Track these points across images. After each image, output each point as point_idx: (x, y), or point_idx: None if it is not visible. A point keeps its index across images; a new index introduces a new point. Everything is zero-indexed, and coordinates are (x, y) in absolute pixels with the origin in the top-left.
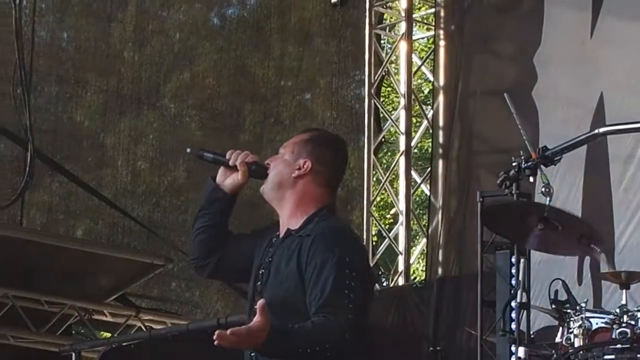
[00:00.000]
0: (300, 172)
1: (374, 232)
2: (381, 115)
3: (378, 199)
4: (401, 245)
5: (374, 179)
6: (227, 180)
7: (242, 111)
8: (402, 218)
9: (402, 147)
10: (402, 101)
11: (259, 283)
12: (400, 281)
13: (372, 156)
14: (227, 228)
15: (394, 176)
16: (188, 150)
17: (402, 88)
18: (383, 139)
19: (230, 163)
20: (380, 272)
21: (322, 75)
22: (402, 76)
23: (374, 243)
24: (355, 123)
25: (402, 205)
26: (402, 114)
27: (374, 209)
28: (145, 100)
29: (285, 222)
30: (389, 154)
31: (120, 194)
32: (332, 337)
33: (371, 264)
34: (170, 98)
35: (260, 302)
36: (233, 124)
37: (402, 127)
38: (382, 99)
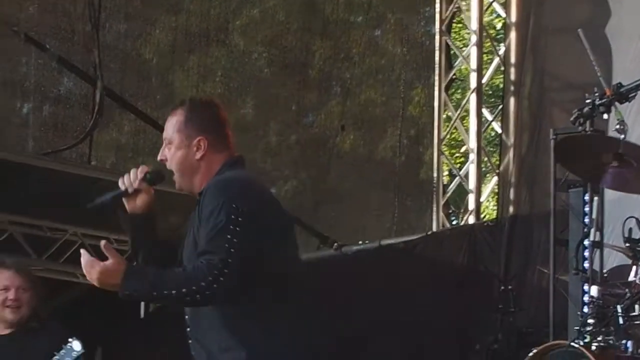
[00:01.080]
0: (201, 151)
1: (444, 171)
2: (452, 52)
3: (448, 137)
4: (472, 184)
5: (444, 116)
6: (137, 203)
7: (311, 47)
8: (472, 156)
9: (473, 84)
10: (473, 38)
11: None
12: (471, 220)
13: (443, 93)
14: (158, 240)
15: (464, 114)
16: (88, 206)
17: (473, 24)
18: (454, 76)
19: (129, 190)
20: (450, 211)
21: (392, 11)
22: (473, 12)
23: (444, 182)
24: (425, 60)
25: (472, 143)
26: (473, 50)
27: (444, 147)
28: (214, 37)
29: (198, 192)
30: (460, 91)
31: None
32: (201, 281)
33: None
34: (239, 34)
35: (102, 243)
36: (302, 60)
37: (473, 64)
38: (452, 36)
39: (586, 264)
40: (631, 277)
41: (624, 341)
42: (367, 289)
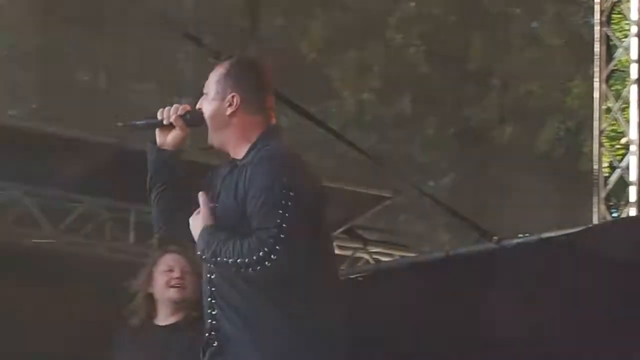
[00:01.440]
0: (232, 107)
1: (605, 163)
2: (611, 43)
3: (609, 128)
4: (633, 175)
5: (604, 107)
6: (167, 138)
7: (469, 40)
8: (634, 147)
9: (634, 75)
10: (634, 29)
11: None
12: (632, 212)
13: (603, 85)
14: (183, 184)
15: (625, 105)
16: (119, 124)
17: (634, 15)
18: (614, 68)
19: (165, 122)
20: (611, 203)
21: (550, 2)
22: (634, 3)
23: (605, 174)
24: (584, 51)
25: (633, 134)
26: (634, 41)
27: (604, 138)
28: (371, 32)
29: (232, 155)
30: (620, 82)
31: (347, 125)
32: (255, 253)
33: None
34: (396, 29)
35: (200, 195)
36: (459, 53)
37: (634, 55)
38: (612, 27)
39: None
40: None
41: None
42: (527, 283)
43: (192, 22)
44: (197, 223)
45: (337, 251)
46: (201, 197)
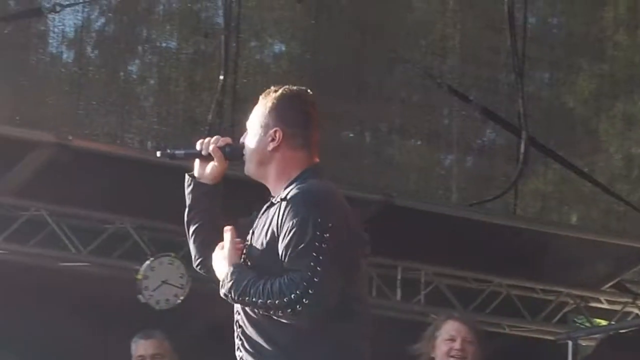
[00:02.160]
0: (275, 143)
1: None
2: None
3: None
4: None
5: None
6: (206, 171)
7: None
8: None
9: None
10: None
11: (243, 256)
12: None
13: None
14: (221, 218)
15: None
16: (158, 154)
17: None
18: None
19: (203, 153)
20: None
21: None
22: None
23: None
24: None
25: None
26: None
27: None
28: (639, 83)
29: (272, 192)
30: None
31: (614, 179)
32: (287, 295)
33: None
34: None
35: (227, 230)
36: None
37: None
38: None
39: None
40: None
41: None
42: None
43: (456, 77)
44: (219, 258)
45: (606, 306)
46: (228, 232)
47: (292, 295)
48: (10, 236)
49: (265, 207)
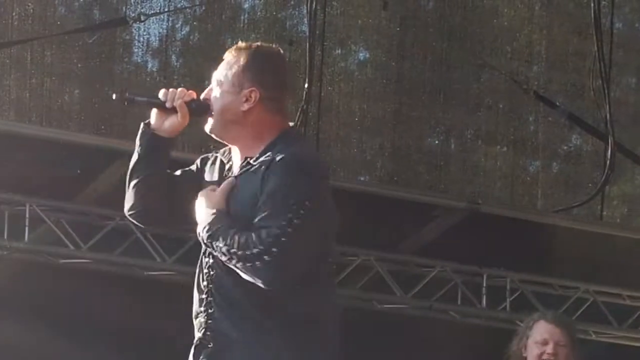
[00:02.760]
0: (250, 103)
1: None
2: None
3: None
4: None
5: None
6: (165, 123)
7: None
8: None
9: None
10: None
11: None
12: None
13: None
14: (166, 172)
15: None
16: (114, 96)
17: None
18: None
19: (168, 105)
20: None
21: None
22: None
23: None
24: None
25: None
26: None
27: None
28: None
29: (243, 153)
30: None
31: None
32: (250, 249)
33: None
34: None
35: (230, 180)
36: None
37: None
38: None
39: None
40: None
41: None
42: None
43: (542, 83)
44: (206, 201)
45: None
46: (229, 182)
47: (255, 250)
48: (97, 245)
49: (242, 169)
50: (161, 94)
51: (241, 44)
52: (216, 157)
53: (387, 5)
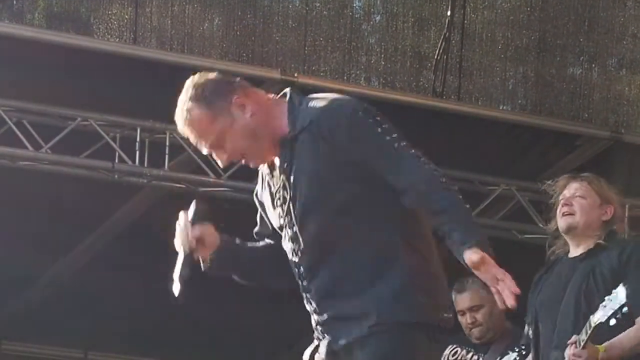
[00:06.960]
0: (246, 108)
1: None
2: None
3: None
4: None
5: None
6: (207, 251)
7: None
8: None
9: None
10: None
11: (288, 215)
12: None
13: None
14: (252, 252)
15: None
16: (177, 296)
17: None
18: None
19: (188, 252)
20: None
21: None
22: None
23: None
24: None
25: None
26: None
27: None
28: None
29: (272, 151)
30: None
31: None
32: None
33: None
34: None
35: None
36: None
37: None
38: None
39: None
40: None
41: None
42: None
43: None
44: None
45: None
46: None
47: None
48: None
49: (280, 152)
50: (180, 250)
51: (181, 98)
52: (260, 172)
53: None
